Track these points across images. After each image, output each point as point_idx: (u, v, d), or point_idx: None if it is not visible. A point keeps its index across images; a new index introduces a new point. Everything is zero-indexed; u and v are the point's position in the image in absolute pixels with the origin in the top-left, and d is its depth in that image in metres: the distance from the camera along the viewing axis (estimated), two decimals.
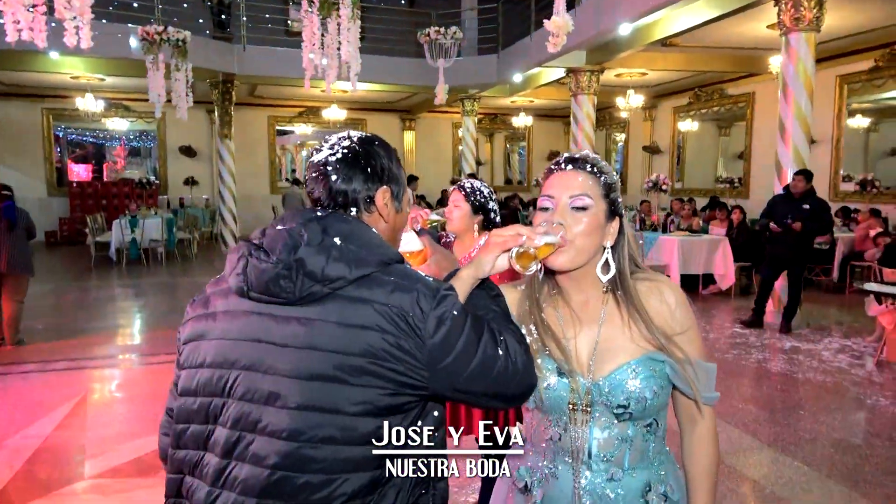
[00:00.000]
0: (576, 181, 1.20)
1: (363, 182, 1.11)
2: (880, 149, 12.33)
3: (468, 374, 0.99)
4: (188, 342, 1.13)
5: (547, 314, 1.26)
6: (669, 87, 14.31)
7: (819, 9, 6.44)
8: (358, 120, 17.62)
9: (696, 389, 1.18)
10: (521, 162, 20.81)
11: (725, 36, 9.78)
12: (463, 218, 2.55)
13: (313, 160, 1.13)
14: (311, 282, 0.99)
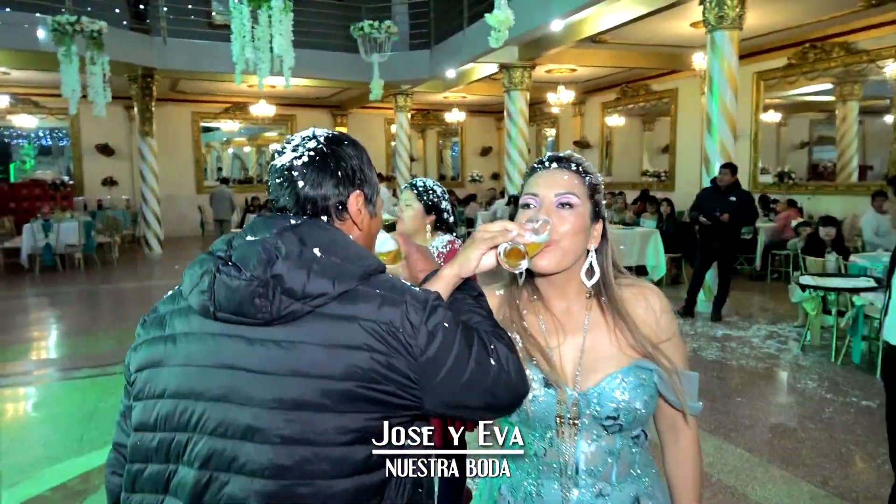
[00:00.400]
0: (561, 179, 1.14)
1: (334, 187, 1.00)
2: (790, 142, 13.07)
3: (461, 388, 0.92)
4: (143, 369, 0.99)
5: (529, 322, 1.19)
6: (598, 83, 14.63)
7: (741, 7, 6.68)
8: (287, 116, 17.17)
9: (683, 399, 1.13)
10: (454, 158, 20.85)
11: (651, 33, 10.06)
12: (415, 218, 2.47)
13: (276, 164, 1.01)
14: (290, 300, 0.88)
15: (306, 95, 16.10)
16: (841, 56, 9.87)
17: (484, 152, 19.98)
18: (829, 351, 5.39)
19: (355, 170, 1.03)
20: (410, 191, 2.50)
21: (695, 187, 12.60)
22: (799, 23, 9.41)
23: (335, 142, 1.03)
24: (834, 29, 9.76)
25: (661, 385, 1.13)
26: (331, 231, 0.96)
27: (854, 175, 11.06)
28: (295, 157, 0.99)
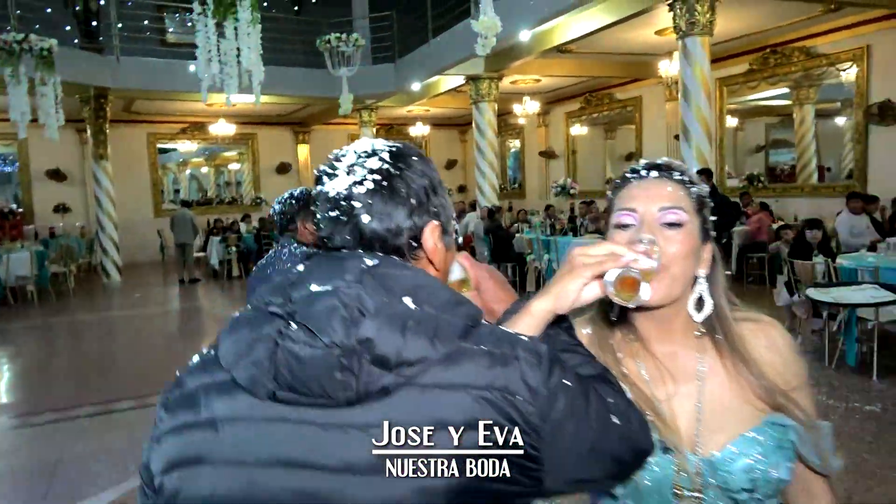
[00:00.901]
0: (664, 191, 0.94)
1: (406, 218, 0.78)
2: (746, 146, 13.30)
3: (586, 458, 0.72)
4: (173, 468, 0.73)
5: (628, 367, 0.98)
6: (562, 92, 14.67)
7: (712, 13, 6.70)
8: (248, 135, 16.75)
9: (826, 458, 0.94)
10: None
11: (616, 42, 10.09)
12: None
13: (326, 192, 0.78)
14: (383, 371, 0.66)
15: (267, 113, 15.72)
16: (801, 60, 10.05)
17: (449, 165, 19.86)
18: (821, 354, 5.34)
19: (429, 193, 0.81)
20: None
21: None
22: (760, 28, 9.56)
23: (402, 158, 0.80)
24: (793, 34, 9.95)
25: (800, 444, 0.93)
26: (414, 271, 0.74)
27: (814, 176, 11.28)
28: (353, 181, 0.77)
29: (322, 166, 0.81)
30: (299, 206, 2.37)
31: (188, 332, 8.01)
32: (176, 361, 4.44)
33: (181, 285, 11.48)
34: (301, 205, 2.38)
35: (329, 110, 15.75)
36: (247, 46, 4.38)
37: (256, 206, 15.66)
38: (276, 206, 2.41)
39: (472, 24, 4.09)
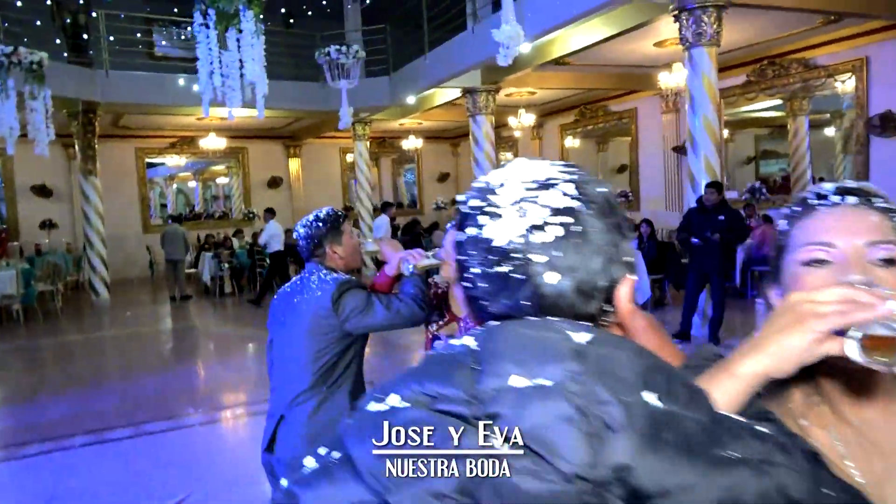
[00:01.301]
0: (868, 222, 0.76)
1: (601, 271, 0.59)
2: (737, 158, 13.29)
3: None
4: None
5: (816, 438, 0.78)
6: (556, 105, 14.60)
7: (718, 24, 6.61)
8: (238, 148, 16.53)
9: None
10: (407, 185, 20.52)
11: (614, 54, 10.02)
12: None
13: (489, 240, 0.59)
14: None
15: (259, 126, 15.50)
16: (799, 72, 10.03)
17: (441, 178, 19.72)
18: None
19: (622, 235, 0.62)
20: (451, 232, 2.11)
21: (660, 205, 12.66)
22: (758, 40, 9.52)
23: (587, 189, 0.61)
24: (791, 46, 9.93)
25: None
26: (633, 346, 0.55)
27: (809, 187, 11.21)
28: (530, 225, 0.58)
29: (473, 201, 0.61)
30: (327, 229, 2.19)
31: (183, 352, 7.75)
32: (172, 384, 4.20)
33: (172, 302, 11.19)
34: (328, 227, 2.19)
35: (321, 124, 15.60)
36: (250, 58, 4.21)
37: (248, 220, 15.39)
38: (301, 229, 2.22)
39: (494, 33, 3.93)
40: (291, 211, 17.26)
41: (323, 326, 2.06)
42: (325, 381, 2.09)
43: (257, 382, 6.00)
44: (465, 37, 9.58)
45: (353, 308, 2.04)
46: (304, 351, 2.08)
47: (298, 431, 2.07)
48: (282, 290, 2.29)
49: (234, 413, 5.20)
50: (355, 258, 2.28)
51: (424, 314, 2.07)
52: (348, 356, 2.13)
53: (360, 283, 2.15)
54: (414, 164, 19.71)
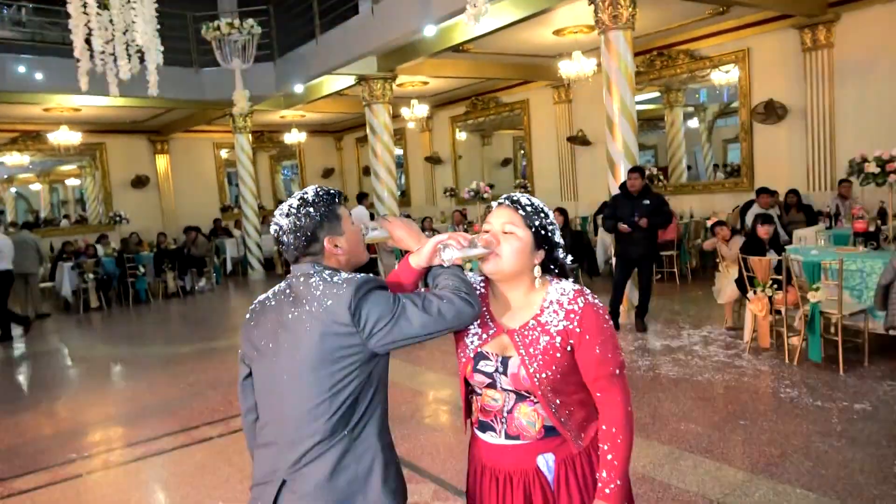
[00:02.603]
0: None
1: None
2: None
3: None
4: None
5: None
6: (448, 96, 14.29)
7: (633, 7, 6.51)
8: (95, 144, 14.67)
9: None
10: (285, 181, 19.36)
11: (513, 42, 9.82)
12: (520, 253, 1.53)
13: None
14: None
15: (119, 119, 13.86)
16: (686, 63, 10.38)
17: (326, 174, 18.81)
18: (776, 351, 5.24)
19: None
20: (513, 210, 1.56)
21: (555, 196, 12.71)
22: (647, 31, 9.70)
23: None
24: (679, 37, 10.24)
25: None
26: None
27: (684, 175, 11.79)
28: None
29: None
30: (321, 216, 1.54)
31: (44, 385, 6.50)
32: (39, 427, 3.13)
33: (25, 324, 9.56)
34: (322, 214, 1.54)
35: (192, 116, 14.19)
36: (141, 19, 3.34)
37: (114, 224, 13.67)
38: (284, 221, 1.53)
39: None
40: (161, 213, 15.65)
41: (341, 349, 1.43)
42: (346, 425, 1.46)
43: (146, 415, 5.07)
44: (362, 20, 8.93)
45: (379, 317, 1.42)
46: (314, 387, 1.44)
47: (320, 496, 1.44)
48: (258, 302, 1.63)
49: (124, 454, 4.29)
50: (361, 251, 1.63)
51: (475, 311, 1.48)
52: (373, 382, 1.51)
53: (381, 281, 1.51)
54: (293, 160, 18.61)
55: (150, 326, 9.34)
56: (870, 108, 8.44)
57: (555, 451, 1.53)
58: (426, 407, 4.87)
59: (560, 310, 1.51)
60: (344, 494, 1.44)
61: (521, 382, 1.49)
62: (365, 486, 1.46)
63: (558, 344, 1.48)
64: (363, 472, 1.46)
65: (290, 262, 1.58)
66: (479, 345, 1.57)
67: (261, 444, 1.55)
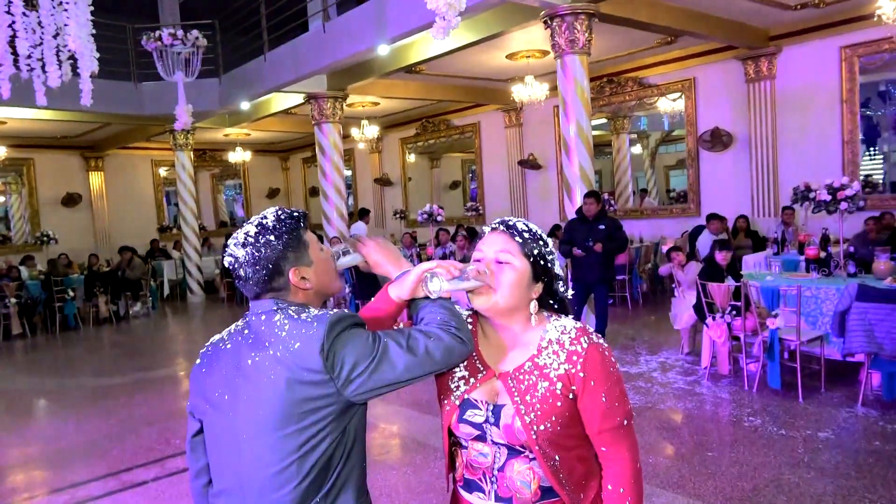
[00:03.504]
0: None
1: None
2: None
3: None
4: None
5: None
6: (397, 118, 14.17)
7: (589, 33, 6.53)
8: (21, 160, 13.84)
9: None
10: (227, 202, 18.74)
11: (466, 65, 9.79)
12: (517, 285, 1.35)
13: None
14: None
15: (49, 133, 13.10)
16: (635, 90, 10.56)
17: (271, 194, 18.32)
18: (734, 378, 5.22)
19: None
20: (509, 236, 1.37)
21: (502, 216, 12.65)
22: (598, 58, 9.83)
23: None
24: (627, 65, 10.44)
25: None
26: None
27: (630, 200, 11.97)
28: None
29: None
30: (283, 244, 1.31)
31: None
32: None
33: None
34: (286, 241, 1.31)
35: (129, 132, 13.57)
36: (73, 21, 3.03)
37: (41, 245, 12.83)
38: (240, 252, 1.29)
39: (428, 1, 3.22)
40: (93, 233, 14.84)
41: (311, 400, 1.20)
42: (318, 491, 1.22)
43: (72, 457, 4.61)
44: (313, 37, 8.70)
45: (356, 361, 1.19)
46: (279, 448, 1.20)
47: None
48: (211, 346, 1.37)
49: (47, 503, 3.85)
50: (332, 281, 1.40)
51: (467, 348, 1.29)
52: (349, 438, 1.27)
53: (357, 317, 1.29)
54: (236, 179, 18.06)
55: (78, 355, 8.70)
56: (809, 138, 8.75)
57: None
58: (412, 454, 4.58)
59: (561, 351, 1.32)
60: None
61: (516, 435, 1.30)
62: None
63: (559, 391, 1.30)
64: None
65: (250, 298, 1.34)
66: (467, 390, 1.37)
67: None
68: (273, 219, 1.33)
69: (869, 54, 8.18)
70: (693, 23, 7.93)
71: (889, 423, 4.13)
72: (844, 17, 8.06)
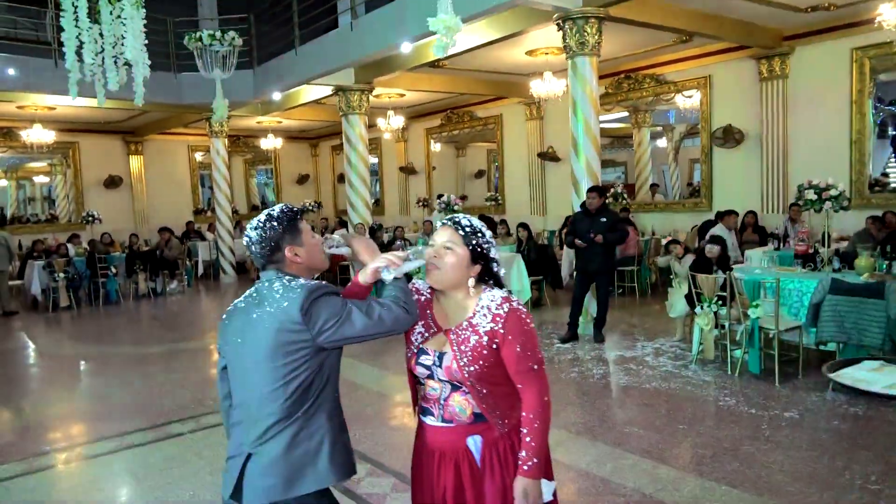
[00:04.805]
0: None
1: None
2: None
3: None
4: None
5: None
6: (423, 108, 14.60)
7: (599, 35, 6.87)
8: (69, 143, 14.64)
9: None
10: (259, 186, 19.44)
11: (487, 60, 10.17)
12: (458, 267, 1.83)
13: None
14: None
15: (93, 119, 13.87)
16: (652, 86, 10.84)
17: (301, 180, 18.96)
18: (720, 363, 5.60)
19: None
20: (454, 230, 1.85)
21: (525, 209, 13.08)
22: (617, 55, 10.14)
23: None
24: (646, 62, 10.70)
25: None
26: None
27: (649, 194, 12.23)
28: None
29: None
30: (283, 229, 1.83)
31: (10, 381, 6.57)
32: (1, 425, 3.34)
33: None
34: (285, 227, 1.83)
35: (168, 118, 14.27)
36: (129, 34, 3.57)
37: (86, 224, 13.63)
38: (253, 233, 1.83)
39: (430, 22, 3.67)
40: (132, 214, 15.65)
41: (293, 343, 1.71)
42: (300, 407, 1.73)
43: (114, 411, 5.22)
44: (341, 33, 9.19)
45: (327, 318, 1.70)
46: (271, 374, 1.71)
47: (273, 472, 1.70)
48: (233, 305, 1.89)
49: (92, 449, 4.44)
50: (319, 259, 1.92)
51: (411, 318, 1.79)
52: (325, 373, 1.79)
53: (333, 288, 1.80)
54: (268, 165, 18.73)
55: (120, 326, 9.41)
56: (819, 138, 8.96)
57: (482, 433, 1.81)
58: (389, 409, 5.10)
59: (489, 313, 1.80)
60: (297, 467, 1.71)
61: (453, 375, 1.78)
62: (315, 459, 1.73)
63: (485, 342, 1.77)
64: (314, 449, 1.74)
65: (259, 269, 1.86)
66: (422, 342, 1.87)
67: (233, 423, 1.81)
68: (278, 211, 1.86)
69: (879, 56, 8.35)
70: (706, 24, 8.20)
71: (852, 406, 4.49)
72: (855, 19, 8.25)
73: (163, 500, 3.55)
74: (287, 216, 1.85)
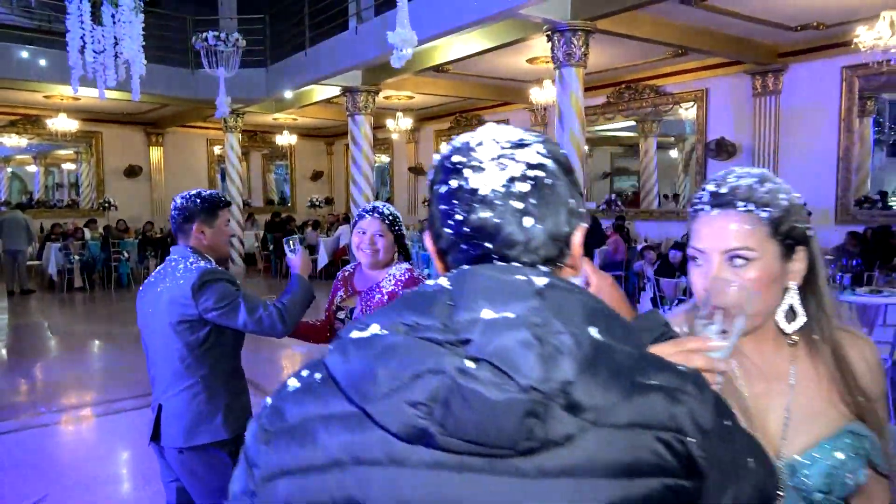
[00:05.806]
0: (727, 230, 0.94)
1: (566, 222, 0.68)
2: (594, 172, 14.44)
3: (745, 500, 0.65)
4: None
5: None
6: (433, 111, 14.97)
7: (586, 47, 7.18)
8: (91, 133, 15.25)
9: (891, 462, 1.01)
10: (277, 181, 19.97)
11: (490, 66, 10.50)
12: (389, 250, 2.26)
13: (474, 189, 0.66)
14: (573, 418, 0.57)
15: (116, 110, 14.44)
16: (651, 97, 11.09)
17: (315, 177, 19.43)
18: None
19: (580, 192, 0.73)
20: (381, 221, 2.23)
21: None
22: (618, 65, 10.41)
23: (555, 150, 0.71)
24: (645, 73, 10.96)
25: (872, 452, 0.98)
26: (581, 291, 0.65)
27: (655, 202, 12.46)
28: (510, 177, 0.66)
29: (456, 156, 0.69)
30: (202, 207, 2.18)
31: (22, 352, 7.07)
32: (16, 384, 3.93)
33: (10, 298, 10.13)
34: (205, 207, 2.18)
35: (187, 112, 14.81)
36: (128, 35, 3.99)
37: (104, 210, 14.23)
38: (178, 199, 2.17)
39: (389, 35, 4.04)
40: (151, 202, 16.23)
41: (184, 315, 2.04)
42: (200, 369, 2.08)
43: (111, 380, 5.65)
44: (349, 36, 9.60)
45: (214, 303, 2.03)
46: (173, 339, 2.06)
47: (179, 420, 2.06)
48: (147, 280, 2.25)
49: (88, 412, 4.87)
50: (222, 247, 2.25)
51: (285, 331, 2.14)
52: (223, 339, 2.13)
53: (229, 276, 2.14)
54: (286, 161, 19.24)
55: (128, 308, 9.87)
56: (810, 153, 9.15)
57: None
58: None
59: (392, 278, 2.20)
60: (195, 422, 2.08)
61: None
62: (212, 417, 2.09)
63: (386, 300, 2.14)
64: (211, 408, 2.09)
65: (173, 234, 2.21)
66: (340, 301, 2.32)
67: (150, 379, 2.21)
68: (207, 194, 2.23)
69: (867, 75, 8.53)
70: (698, 39, 8.45)
71: None
72: (843, 39, 8.43)
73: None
74: (211, 200, 2.21)
